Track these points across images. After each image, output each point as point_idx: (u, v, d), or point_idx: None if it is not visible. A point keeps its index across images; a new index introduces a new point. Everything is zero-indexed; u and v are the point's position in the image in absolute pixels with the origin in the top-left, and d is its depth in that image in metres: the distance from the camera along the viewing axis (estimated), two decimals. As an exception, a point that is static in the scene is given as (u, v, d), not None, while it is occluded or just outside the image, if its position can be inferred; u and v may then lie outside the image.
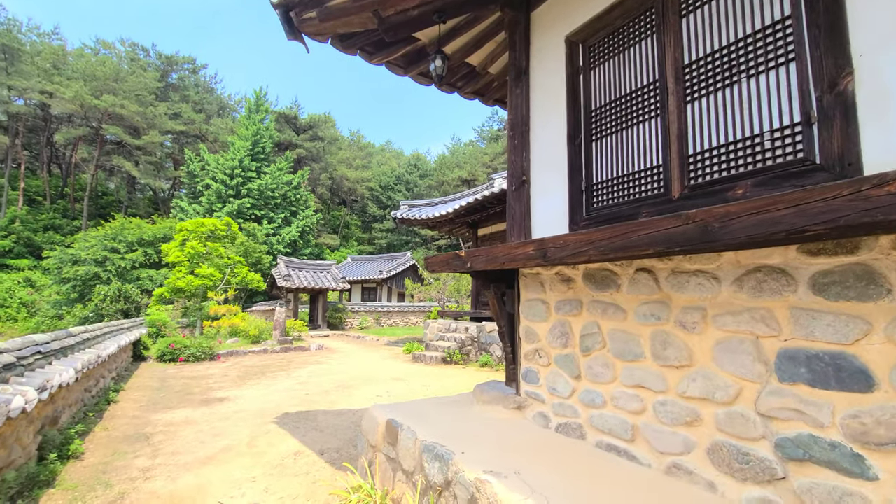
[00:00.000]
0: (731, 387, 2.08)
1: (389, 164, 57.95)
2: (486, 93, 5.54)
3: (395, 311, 24.50)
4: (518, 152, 3.78)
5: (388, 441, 3.36)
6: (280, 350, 13.23)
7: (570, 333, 2.98)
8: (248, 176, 31.96)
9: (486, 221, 12.70)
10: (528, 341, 3.32)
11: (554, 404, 3.05)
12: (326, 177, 46.76)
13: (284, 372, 9.58)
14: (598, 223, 3.01)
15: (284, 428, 5.23)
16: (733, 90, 2.36)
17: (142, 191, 43.53)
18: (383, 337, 17.34)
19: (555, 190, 3.40)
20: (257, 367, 10.41)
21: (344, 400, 6.74)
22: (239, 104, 47.34)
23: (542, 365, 3.18)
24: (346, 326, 22.80)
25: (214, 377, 8.95)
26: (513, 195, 3.79)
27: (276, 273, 21.04)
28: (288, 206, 34.15)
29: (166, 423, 5.47)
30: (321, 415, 5.84)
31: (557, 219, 3.34)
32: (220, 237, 17.97)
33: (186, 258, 16.21)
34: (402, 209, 13.89)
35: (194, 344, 11.50)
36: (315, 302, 22.41)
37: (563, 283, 3.08)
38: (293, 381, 8.47)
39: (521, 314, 3.43)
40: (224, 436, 4.93)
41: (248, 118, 35.42)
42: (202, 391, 7.53)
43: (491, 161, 43.95)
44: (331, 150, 49.99)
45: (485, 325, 10.79)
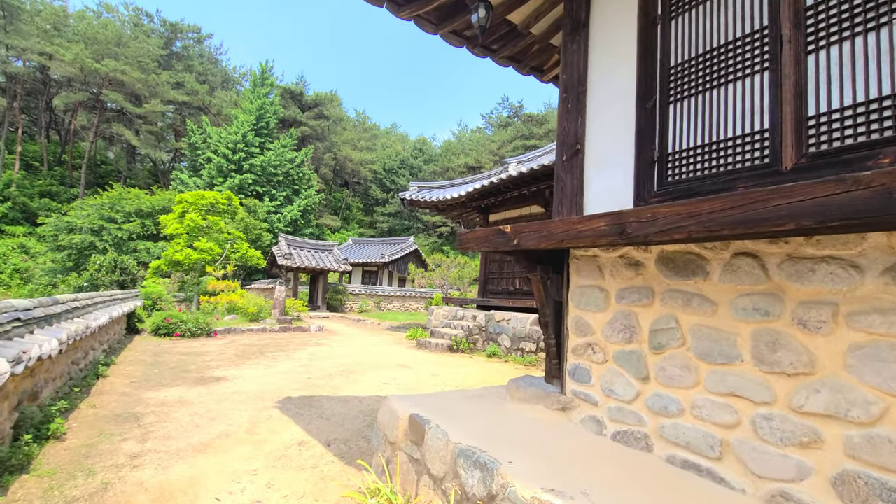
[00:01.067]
0: (874, 403, 1.64)
1: (394, 147, 57.11)
2: (523, 59, 5.02)
3: (396, 295, 24.11)
4: (571, 117, 3.30)
5: (411, 439, 2.94)
6: (279, 330, 12.83)
7: (637, 327, 2.53)
8: (251, 151, 31.28)
9: (499, 207, 12.21)
10: (579, 334, 2.88)
11: (610, 408, 2.62)
12: (330, 157, 46.03)
13: (284, 353, 9.17)
14: (674, 198, 2.55)
15: (287, 414, 4.82)
16: (879, 34, 1.88)
17: (141, 161, 42.73)
18: (384, 321, 16.96)
19: (617, 160, 2.94)
20: (256, 346, 10.00)
21: (349, 386, 6.34)
22: (244, 77, 46.34)
23: (597, 362, 2.74)
24: (345, 309, 22.42)
25: (211, 354, 8.55)
26: (563, 166, 3.32)
27: (277, 251, 20.57)
28: (290, 185, 33.55)
29: (159, 403, 5.05)
30: (326, 401, 5.43)
31: (618, 193, 2.88)
32: (220, 211, 17.44)
33: (185, 231, 15.72)
34: (411, 190, 13.39)
35: (191, 319, 11.08)
36: (315, 282, 21.99)
37: (628, 268, 2.63)
38: (294, 362, 8.06)
39: (571, 302, 2.98)
40: (221, 420, 4.51)
41: (252, 92, 34.58)
42: (198, 369, 7.12)
43: (498, 149, 43.23)
44: (336, 129, 49.17)
45: (493, 314, 10.38)
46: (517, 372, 8.05)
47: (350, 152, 48.94)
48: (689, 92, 2.60)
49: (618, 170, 2.93)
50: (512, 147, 39.76)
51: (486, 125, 51.35)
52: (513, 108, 46.84)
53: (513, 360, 9.11)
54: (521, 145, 39.08)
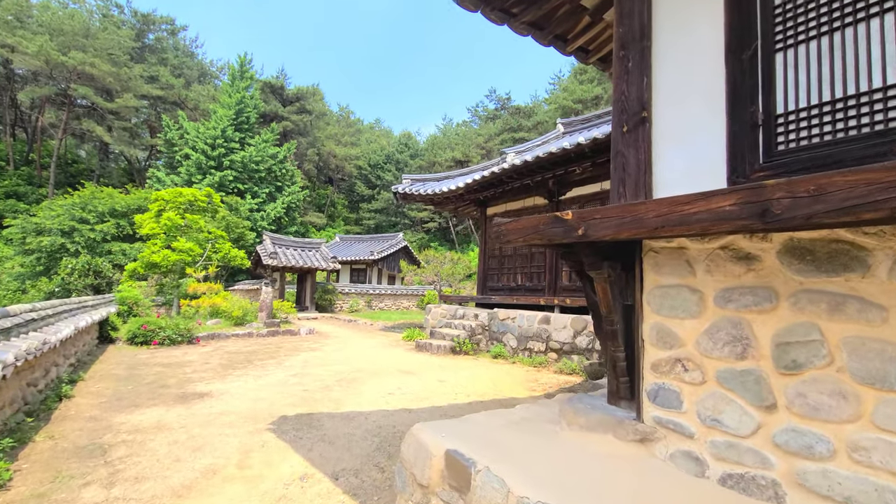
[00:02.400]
0: None
1: (379, 142, 56.09)
2: (547, 24, 4.40)
3: (387, 293, 23.40)
4: (633, 79, 2.70)
5: (450, 484, 2.33)
6: (267, 334, 12.06)
7: (751, 339, 1.95)
8: (231, 147, 30.07)
9: (498, 199, 11.62)
10: (661, 346, 2.30)
11: (715, 443, 2.04)
12: (314, 152, 44.85)
13: (274, 360, 8.45)
14: (794, 172, 1.97)
15: (284, 438, 4.15)
16: None
17: (115, 160, 40.91)
18: (377, 321, 16.27)
19: (698, 128, 2.36)
20: (243, 353, 9.25)
21: (351, 399, 5.68)
22: (221, 71, 44.76)
23: (690, 382, 2.16)
24: (335, 309, 21.63)
25: (193, 365, 7.78)
26: (623, 139, 2.72)
27: (262, 250, 19.67)
28: (273, 181, 32.44)
29: (132, 429, 4.33)
30: (327, 419, 4.77)
31: (702, 169, 2.30)
32: (200, 209, 16.49)
33: (163, 230, 14.76)
34: (405, 183, 12.70)
35: (170, 325, 10.26)
36: (303, 282, 21.14)
37: (735, 262, 2.05)
38: (286, 371, 7.36)
39: (647, 306, 2.39)
40: (207, 450, 3.83)
41: (231, 86, 33.26)
42: (179, 383, 6.37)
43: (485, 142, 42.66)
44: (318, 124, 47.98)
45: (496, 312, 9.81)
46: (528, 375, 7.50)
47: (334, 147, 47.80)
48: (805, 35, 2.02)
49: (700, 140, 2.35)
50: (500, 140, 39.21)
51: (473, 118, 50.71)
52: (500, 100, 46.25)
53: (520, 362, 8.55)
54: (509, 138, 38.53)
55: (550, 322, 8.47)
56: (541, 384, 6.94)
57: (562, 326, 8.23)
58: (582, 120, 13.18)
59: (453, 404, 5.59)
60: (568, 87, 36.93)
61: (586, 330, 7.78)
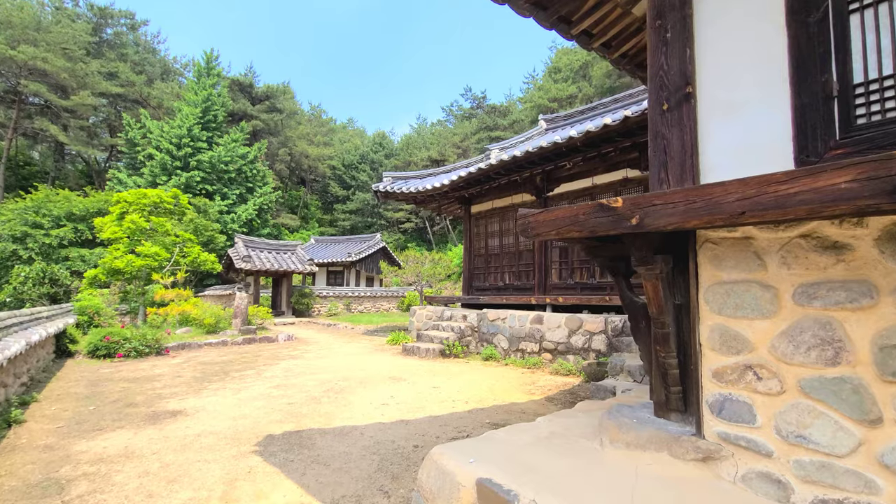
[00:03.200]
0: None
1: (352, 142, 55.15)
2: (550, 5, 4.10)
3: (366, 296, 22.81)
4: (673, 50, 2.42)
5: (487, 521, 1.97)
6: (243, 342, 11.40)
7: (845, 341, 1.68)
8: (198, 146, 28.79)
9: (484, 196, 11.33)
10: (726, 350, 2.01)
11: (801, 463, 1.76)
12: (285, 152, 43.66)
13: (253, 370, 7.89)
14: (879, 148, 1.72)
15: (272, 462, 3.70)
16: None
17: (72, 161, 38.63)
18: (358, 325, 15.74)
19: (755, 103, 2.09)
20: (218, 363, 8.63)
21: (342, 411, 5.25)
22: (186, 68, 42.95)
23: (766, 392, 1.88)
24: (313, 313, 20.91)
25: (164, 379, 7.16)
26: (663, 119, 2.44)
27: (234, 253, 18.79)
28: (244, 182, 31.27)
29: (94, 459, 3.79)
30: (318, 437, 4.34)
31: (760, 148, 2.04)
32: (166, 211, 15.56)
33: (126, 234, 13.81)
34: (385, 181, 12.25)
35: (136, 335, 9.51)
36: (278, 286, 20.34)
37: (820, 253, 1.78)
38: (267, 383, 6.84)
39: (705, 305, 2.10)
40: (184, 481, 3.35)
41: (197, 83, 31.90)
42: (148, 400, 5.78)
43: (461, 142, 42.46)
44: (290, 123, 46.76)
45: (486, 313, 9.51)
46: (524, 378, 7.22)
47: (306, 147, 46.67)
48: (890, -8, 1.77)
49: (758, 117, 2.08)
50: (476, 139, 39.08)
51: (448, 117, 50.45)
52: (476, 98, 46.13)
53: (513, 364, 8.27)
54: (485, 137, 38.44)
55: (544, 321, 8.22)
56: (538, 387, 6.66)
57: (556, 326, 7.99)
58: (565, 116, 13.05)
59: (453, 413, 5.23)
60: (543, 86, 37.14)
61: (581, 329, 7.57)
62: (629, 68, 5.12)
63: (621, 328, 6.98)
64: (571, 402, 5.87)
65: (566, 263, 9.35)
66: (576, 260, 9.16)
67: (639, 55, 4.96)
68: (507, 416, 5.16)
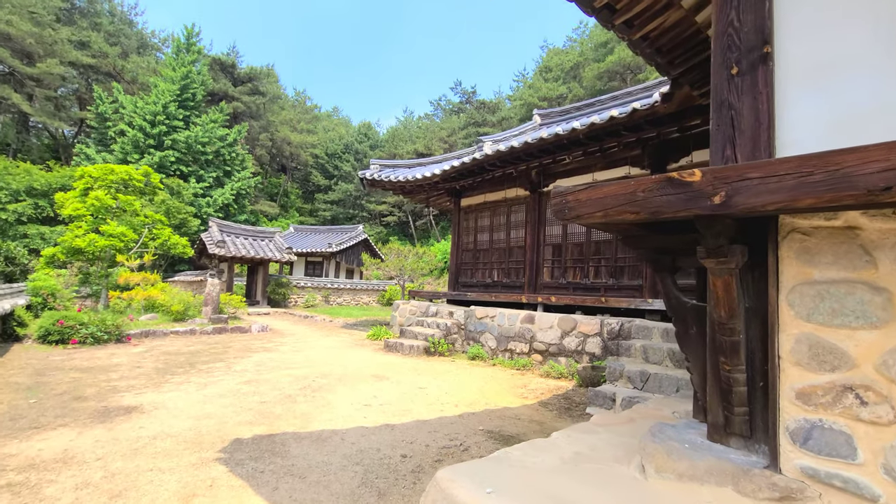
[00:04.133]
0: None
1: (337, 131, 53.99)
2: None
3: (345, 288, 22.15)
4: (746, 3, 2.02)
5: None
6: (213, 331, 10.71)
7: None
8: (174, 125, 27.48)
9: (476, 189, 10.91)
10: (816, 366, 1.63)
11: (926, 514, 1.39)
12: (266, 137, 42.31)
13: (223, 363, 7.28)
14: None
15: (239, 473, 3.20)
16: None
17: (37, 134, 36.48)
18: (337, 318, 15.14)
19: (856, 64, 1.71)
20: (183, 354, 7.97)
21: (320, 412, 4.75)
22: (164, 43, 41.07)
23: (873, 421, 1.50)
24: (289, 303, 20.16)
25: (121, 369, 6.50)
26: (731, 86, 2.04)
27: (208, 238, 17.90)
28: (221, 165, 30.07)
29: (25, 465, 3.21)
30: (293, 442, 3.84)
31: (862, 121, 1.66)
32: (136, 190, 14.60)
33: (90, 212, 12.86)
34: (373, 169, 11.69)
35: (95, 320, 8.76)
36: (254, 274, 19.52)
37: (961, 249, 1.40)
38: (237, 377, 6.27)
39: (790, 309, 1.72)
40: (130, 496, 2.81)
41: (175, 59, 30.43)
42: (100, 393, 5.16)
43: (448, 136, 41.93)
44: (272, 108, 45.37)
45: (473, 310, 9.10)
46: (514, 380, 6.84)
47: (289, 134, 45.36)
48: None
49: (862, 81, 1.69)
50: (464, 134, 38.63)
51: (436, 111, 49.81)
52: (465, 93, 45.62)
53: (501, 364, 7.90)
54: (473, 132, 38.03)
55: (535, 321, 7.86)
56: (530, 390, 6.29)
57: (548, 326, 7.64)
58: (560, 111, 12.74)
59: (442, 417, 4.80)
60: (534, 85, 36.93)
61: (575, 330, 7.23)
62: (648, 52, 4.75)
63: (618, 331, 6.67)
64: (567, 407, 5.52)
65: (559, 262, 9.02)
66: (569, 259, 8.84)
67: (660, 38, 4.60)
68: (501, 422, 4.76)
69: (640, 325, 6.39)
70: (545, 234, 9.34)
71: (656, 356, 5.66)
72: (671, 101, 5.84)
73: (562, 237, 9.01)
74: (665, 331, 6.03)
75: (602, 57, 32.70)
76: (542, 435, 4.48)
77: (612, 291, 8.05)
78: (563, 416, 5.16)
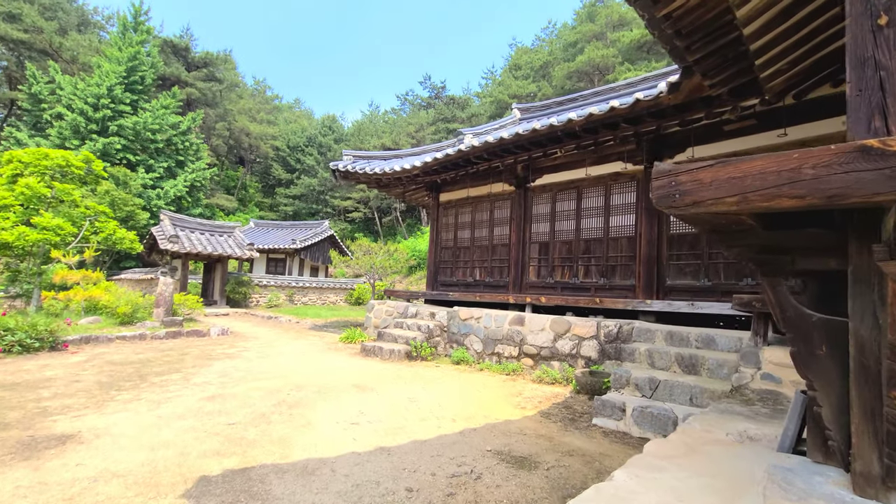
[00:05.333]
0: None
1: (299, 122, 52.04)
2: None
3: (311, 287, 21.07)
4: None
5: None
6: (166, 336, 9.65)
7: None
8: (121, 110, 25.30)
9: (456, 184, 10.40)
10: None
11: None
12: (223, 126, 40.07)
13: (180, 374, 6.40)
14: None
15: (210, 527, 2.53)
16: None
17: (-42, 116, 32.82)
18: (304, 318, 14.23)
19: None
20: (132, 363, 7.01)
21: (301, 436, 4.08)
22: (109, 21, 37.97)
23: None
24: (250, 303, 18.92)
25: (55, 385, 5.54)
26: (879, 39, 1.61)
27: (159, 232, 16.45)
28: (174, 155, 28.02)
29: (-89, 530, 2.41)
30: (274, 477, 3.19)
31: None
32: (75, 178, 13.10)
33: (18, 201, 11.37)
34: (346, 160, 10.93)
35: (23, 325, 7.60)
36: (211, 272, 18.17)
37: None
38: (198, 392, 5.46)
39: None
40: (61, 573, 2.10)
41: (122, 38, 28.05)
42: (26, 418, 4.27)
43: (416, 132, 41.12)
44: (230, 96, 43.06)
45: (457, 311, 8.59)
46: (506, 387, 6.39)
47: (248, 124, 43.19)
48: None
49: None
50: (433, 130, 38.00)
51: (403, 105, 48.89)
52: (435, 88, 44.91)
53: (489, 369, 7.43)
54: (443, 128, 37.49)
55: (525, 323, 7.44)
56: (526, 398, 5.86)
57: (539, 328, 7.24)
58: (541, 106, 12.43)
59: (442, 436, 4.26)
60: (504, 82, 36.78)
61: (569, 333, 6.86)
62: (668, 33, 4.39)
63: (616, 334, 6.34)
64: (571, 418, 5.11)
65: (546, 261, 8.66)
66: (557, 257, 8.49)
67: (683, 18, 4.25)
68: (507, 439, 4.28)
69: (641, 327, 6.08)
70: (531, 231, 8.95)
71: (663, 361, 5.34)
72: (678, 91, 5.53)
73: (549, 234, 8.65)
74: (669, 334, 5.74)
75: (572, 57, 32.96)
76: (554, 454, 4.04)
77: (603, 291, 7.75)
78: (570, 429, 4.74)
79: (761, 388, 3.96)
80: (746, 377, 4.11)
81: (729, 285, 6.39)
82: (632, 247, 7.50)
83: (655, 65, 26.24)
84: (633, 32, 28.95)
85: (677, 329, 5.72)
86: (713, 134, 6.56)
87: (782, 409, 3.55)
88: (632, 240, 7.51)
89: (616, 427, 4.75)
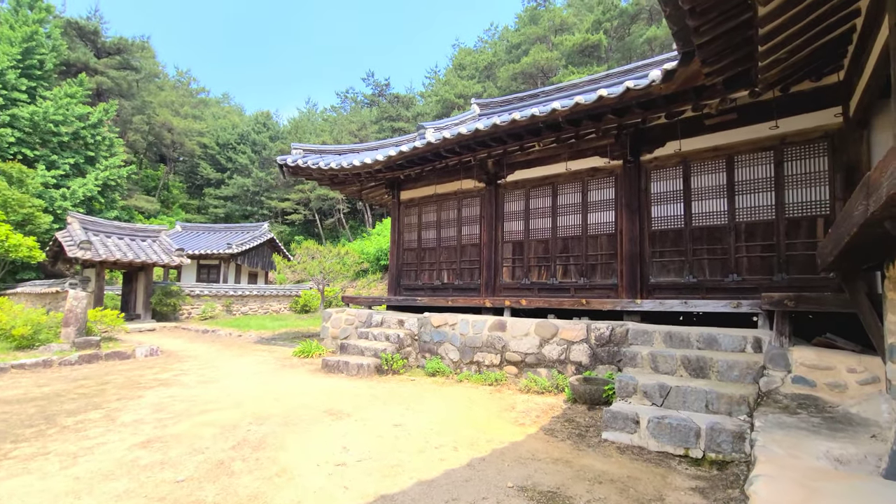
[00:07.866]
0: None
1: (229, 118, 48.49)
2: None
3: (252, 295, 19.28)
4: None
5: None
6: (79, 361, 8.06)
7: None
8: (14, 97, 21.90)
9: (419, 181, 9.70)
10: None
11: None
12: (142, 120, 36.34)
13: (100, 412, 5.16)
14: None
15: None
16: None
17: None
18: (248, 331, 12.81)
19: None
20: (34, 401, 5.60)
21: (278, 489, 3.22)
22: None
23: None
24: (181, 316, 16.89)
25: (-80, 441, 4.16)
26: None
27: (66, 238, 14.17)
28: (82, 150, 24.76)
29: None
30: (255, 564, 2.34)
31: None
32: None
33: None
34: (295, 154, 9.84)
35: None
36: (132, 282, 16.01)
37: None
38: (128, 436, 4.33)
39: None
40: None
41: (15, 15, 24.38)
42: None
43: (359, 130, 39.73)
44: (149, 87, 39.21)
45: (428, 318, 7.91)
46: (495, 401, 5.83)
47: (170, 118, 39.51)
48: None
49: None
50: (377, 128, 36.86)
51: (343, 103, 47.18)
52: (378, 85, 43.63)
53: (469, 380, 6.83)
54: (387, 127, 36.46)
55: (507, 328, 6.93)
56: (521, 412, 5.33)
57: (522, 333, 6.75)
58: (502, 101, 12.09)
59: (449, 472, 3.58)
60: (449, 81, 36.45)
61: (557, 337, 6.43)
62: (683, 10, 4.03)
63: (608, 336, 5.98)
64: (578, 433, 4.62)
65: (520, 261, 8.23)
66: (532, 257, 8.08)
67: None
68: (524, 468, 3.69)
69: (636, 329, 5.76)
70: (504, 229, 8.49)
71: (668, 365, 5.02)
72: (672, 79, 5.26)
73: (523, 233, 8.22)
74: (668, 335, 5.46)
75: (516, 59, 33.32)
76: (581, 482, 3.48)
77: (583, 292, 7.43)
78: (581, 447, 4.25)
79: (795, 393, 3.68)
80: (776, 381, 3.82)
81: (714, 282, 6.28)
82: (612, 244, 7.24)
83: (597, 68, 27.11)
84: (575, 37, 29.77)
85: (676, 329, 5.45)
86: (695, 128, 6.43)
87: (831, 416, 3.25)
88: (612, 237, 7.25)
89: (630, 441, 4.32)
